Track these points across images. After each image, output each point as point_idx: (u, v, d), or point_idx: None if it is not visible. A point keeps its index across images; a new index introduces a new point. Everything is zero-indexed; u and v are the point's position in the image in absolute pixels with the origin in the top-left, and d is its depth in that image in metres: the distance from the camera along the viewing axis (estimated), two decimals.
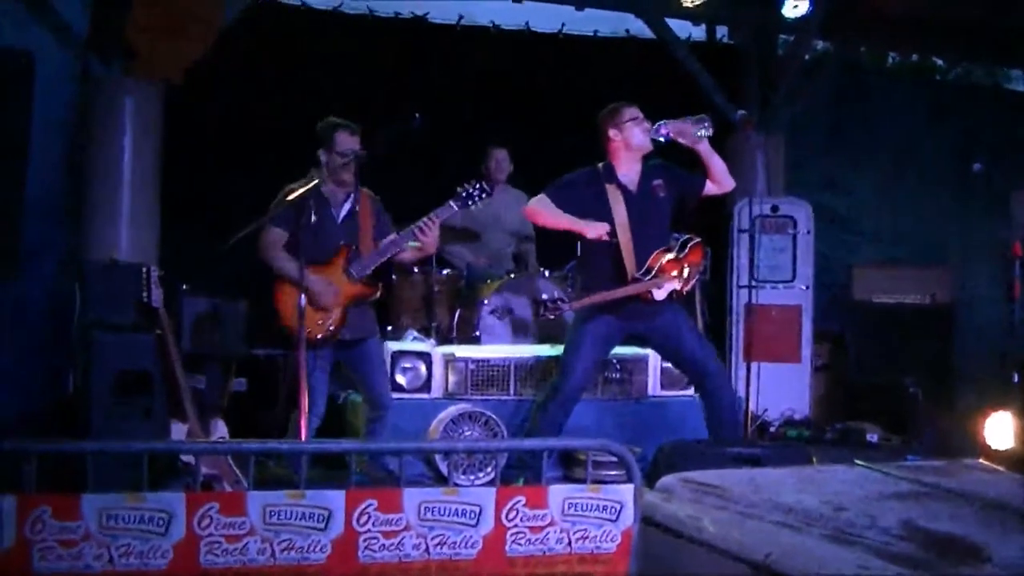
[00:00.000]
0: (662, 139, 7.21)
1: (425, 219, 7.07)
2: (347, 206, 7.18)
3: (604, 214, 7.28)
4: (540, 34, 11.87)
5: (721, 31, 12.72)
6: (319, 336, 6.92)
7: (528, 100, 11.27)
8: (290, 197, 6.69)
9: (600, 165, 7.46)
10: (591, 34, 12.05)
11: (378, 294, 7.23)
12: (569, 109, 11.05)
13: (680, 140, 7.23)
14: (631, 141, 7.35)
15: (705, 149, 7.33)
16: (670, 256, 7.31)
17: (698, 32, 12.55)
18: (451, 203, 7.16)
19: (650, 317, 7.37)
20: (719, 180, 7.47)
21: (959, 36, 12.24)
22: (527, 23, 11.77)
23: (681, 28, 11.87)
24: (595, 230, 7.20)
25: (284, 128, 10.22)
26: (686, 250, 7.41)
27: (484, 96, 11.13)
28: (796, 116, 11.92)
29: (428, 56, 11.21)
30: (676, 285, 7.31)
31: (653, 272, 7.23)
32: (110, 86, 9.25)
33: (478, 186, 7.22)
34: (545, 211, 7.40)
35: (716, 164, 7.40)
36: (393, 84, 10.58)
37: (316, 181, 6.90)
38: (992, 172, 7.83)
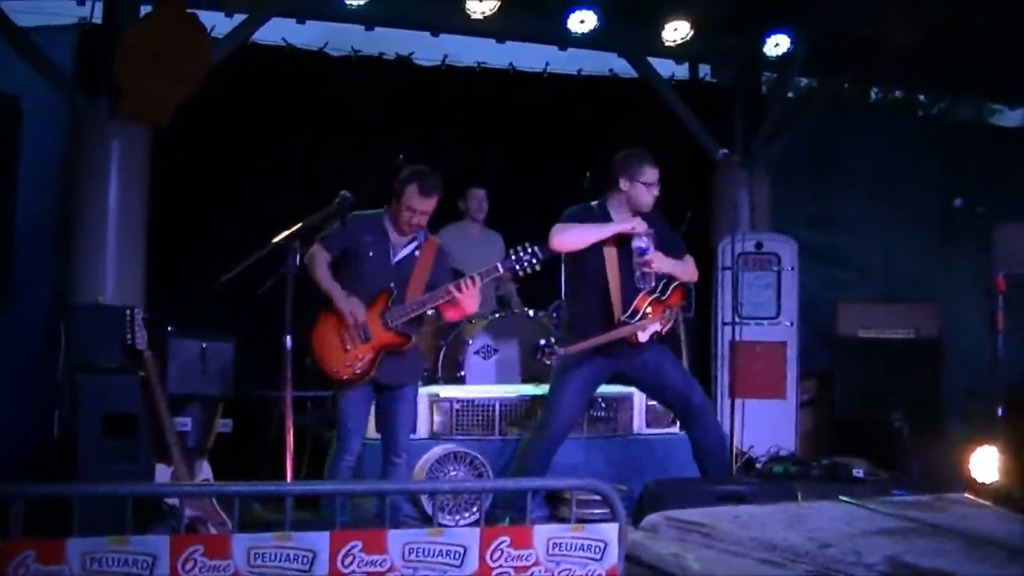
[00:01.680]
0: (637, 249, 7.29)
1: (466, 277, 6.90)
2: (407, 250, 7.04)
3: (596, 253, 7.31)
4: (525, 73, 11.91)
5: (704, 69, 12.78)
6: (345, 377, 6.84)
7: (514, 139, 11.30)
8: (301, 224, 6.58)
9: (595, 204, 7.48)
10: (575, 73, 12.10)
11: (411, 344, 7.03)
12: (554, 148, 11.13)
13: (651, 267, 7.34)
14: (635, 200, 7.37)
15: (670, 267, 7.45)
16: (653, 298, 7.34)
17: (681, 71, 12.61)
18: (498, 265, 7.02)
19: (634, 357, 7.41)
20: (688, 279, 7.70)
21: (942, 71, 12.32)
22: (511, 63, 11.81)
23: (664, 67, 11.94)
24: (632, 222, 7.29)
25: (270, 168, 10.28)
26: (668, 292, 7.44)
27: (469, 136, 11.15)
28: (780, 152, 11.96)
29: (413, 96, 11.23)
30: (657, 327, 7.34)
31: (639, 315, 7.26)
32: (97, 127, 9.26)
33: (530, 250, 6.99)
34: (571, 231, 7.31)
35: (682, 274, 7.56)
36: (378, 124, 10.61)
37: (328, 209, 6.75)
38: (975, 206, 7.85)
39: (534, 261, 7.00)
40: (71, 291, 9.13)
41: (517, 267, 7.01)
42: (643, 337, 7.29)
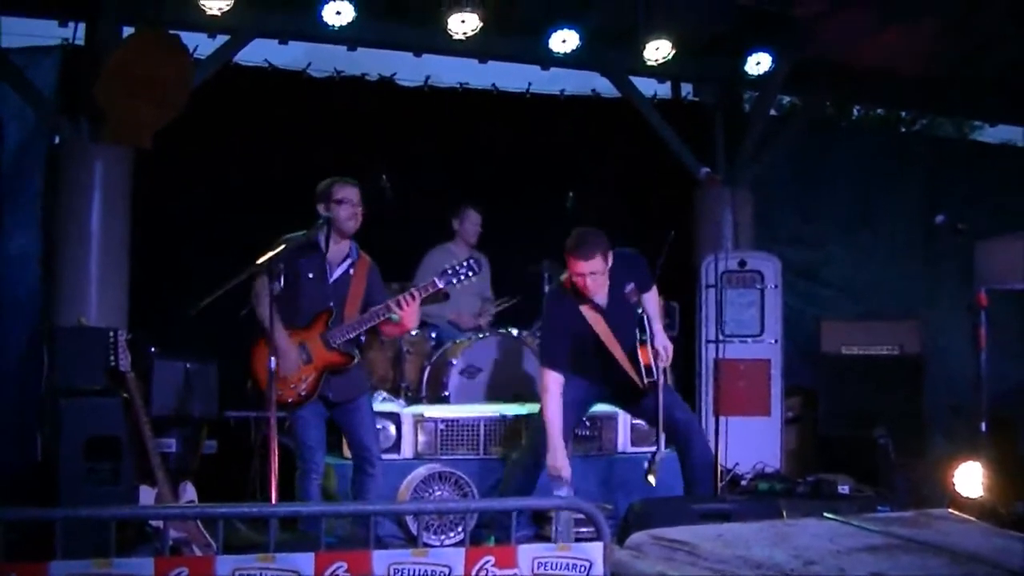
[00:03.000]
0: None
1: (405, 293, 6.98)
2: (342, 268, 7.10)
3: (586, 333, 7.32)
4: (507, 94, 11.92)
5: (686, 88, 12.80)
6: (290, 400, 6.87)
7: (497, 160, 11.31)
8: (260, 260, 6.59)
9: (569, 283, 7.35)
10: (557, 93, 12.11)
11: (354, 362, 7.09)
12: (537, 168, 11.14)
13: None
14: (574, 283, 7.31)
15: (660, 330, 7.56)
16: (646, 343, 7.36)
17: (664, 90, 12.63)
18: (436, 280, 7.09)
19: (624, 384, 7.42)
20: None
21: (924, 89, 12.36)
22: (494, 84, 11.83)
23: (647, 86, 11.96)
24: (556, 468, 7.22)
25: (253, 189, 10.25)
26: (648, 330, 7.48)
27: (452, 156, 11.16)
28: (763, 170, 11.98)
29: (396, 117, 11.23)
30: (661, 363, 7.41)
31: (652, 369, 7.29)
32: (80, 150, 9.26)
33: (466, 264, 7.13)
34: (547, 411, 7.30)
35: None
36: (361, 145, 10.61)
37: (309, 232, 6.89)
38: (957, 223, 7.88)
39: (470, 274, 7.12)
40: (55, 313, 9.10)
41: (454, 280, 7.12)
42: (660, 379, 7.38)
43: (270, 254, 6.51)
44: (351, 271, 7.12)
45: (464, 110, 11.63)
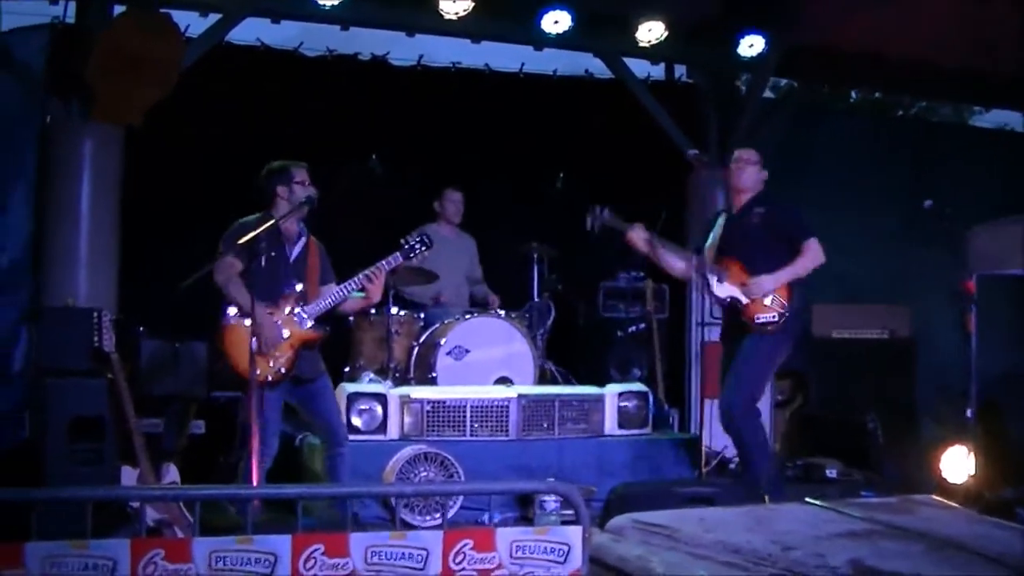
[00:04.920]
0: None
1: (371, 269, 7.08)
2: (299, 247, 7.17)
3: None
4: (500, 74, 11.91)
5: (680, 70, 12.76)
6: (269, 378, 6.86)
7: (489, 140, 11.29)
8: (245, 238, 6.60)
9: None
10: (551, 73, 12.10)
11: (325, 337, 7.18)
12: (530, 148, 11.12)
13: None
14: None
15: None
16: None
17: (657, 71, 12.60)
18: (396, 255, 7.21)
19: None
20: None
21: (919, 73, 12.32)
22: (487, 64, 11.81)
23: (640, 68, 11.92)
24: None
25: (244, 169, 10.20)
26: None
27: (445, 136, 11.13)
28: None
29: (388, 97, 11.21)
30: None
31: None
32: (70, 129, 9.21)
33: (419, 239, 7.27)
34: None
35: None
36: (353, 125, 10.59)
37: (274, 219, 6.89)
38: (948, 208, 7.87)
39: (423, 248, 7.28)
40: (43, 293, 9.06)
41: (412, 255, 7.29)
42: None
43: (252, 234, 6.54)
44: (306, 250, 7.21)
45: (457, 90, 11.61)
